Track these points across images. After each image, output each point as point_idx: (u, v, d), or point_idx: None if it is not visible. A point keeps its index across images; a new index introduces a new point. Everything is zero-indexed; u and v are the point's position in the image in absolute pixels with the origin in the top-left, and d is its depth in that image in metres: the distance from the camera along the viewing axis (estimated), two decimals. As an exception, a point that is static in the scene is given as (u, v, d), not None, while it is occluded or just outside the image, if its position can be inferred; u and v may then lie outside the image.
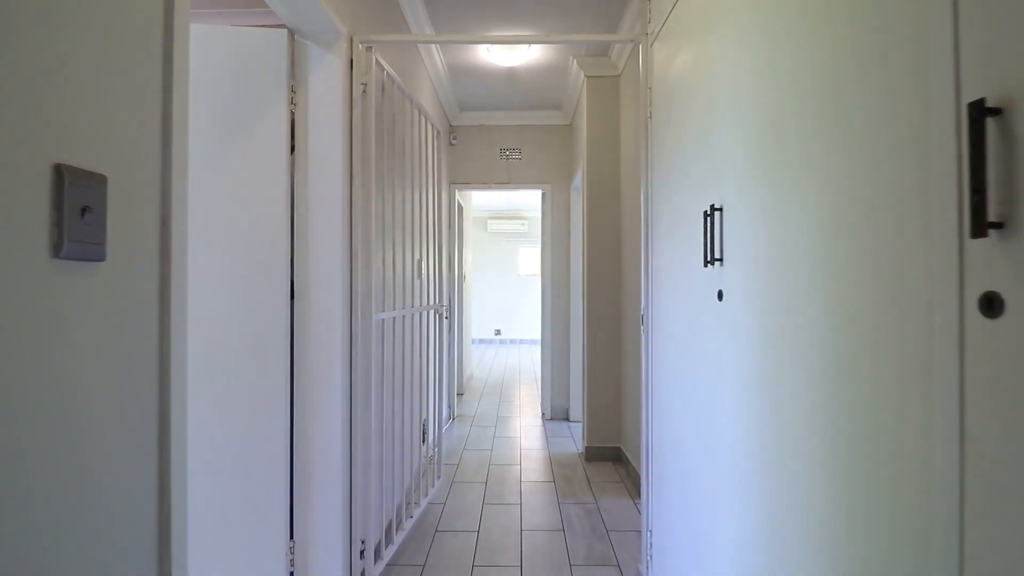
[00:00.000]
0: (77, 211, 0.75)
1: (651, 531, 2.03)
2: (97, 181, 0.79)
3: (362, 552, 2.08)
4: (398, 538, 2.41)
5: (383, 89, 2.28)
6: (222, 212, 1.83)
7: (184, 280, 0.99)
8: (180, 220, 0.97)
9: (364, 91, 2.09)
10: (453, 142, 4.89)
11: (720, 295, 1.29)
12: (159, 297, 0.94)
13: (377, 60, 2.15)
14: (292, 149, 1.93)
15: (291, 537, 1.93)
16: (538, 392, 6.04)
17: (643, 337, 2.08)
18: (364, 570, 2.10)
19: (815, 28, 0.92)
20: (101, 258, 0.80)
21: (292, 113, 1.91)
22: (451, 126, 4.88)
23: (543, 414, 4.97)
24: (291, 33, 1.89)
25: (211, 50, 1.82)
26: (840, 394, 0.84)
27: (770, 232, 1.07)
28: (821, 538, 0.90)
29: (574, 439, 4.26)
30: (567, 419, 4.82)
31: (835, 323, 0.85)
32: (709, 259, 1.33)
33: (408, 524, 2.56)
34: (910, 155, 0.69)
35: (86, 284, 0.78)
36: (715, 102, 1.37)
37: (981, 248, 0.56)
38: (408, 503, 2.71)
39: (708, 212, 1.33)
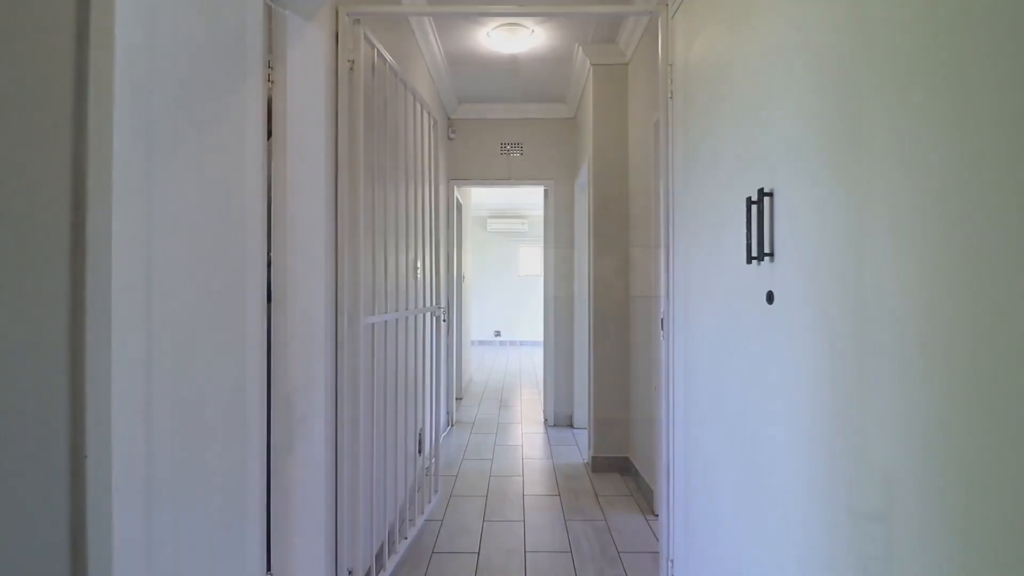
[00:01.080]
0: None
1: (672, 561, 1.82)
2: (-38, 145, 0.58)
3: (350, 583, 1.87)
4: (391, 563, 2.19)
5: (373, 69, 2.07)
6: (185, 204, 1.61)
7: (106, 281, 0.77)
8: (100, 205, 0.76)
9: (351, 69, 1.88)
10: (452, 136, 4.67)
11: (770, 297, 1.08)
12: (70, 302, 0.73)
13: (366, 36, 1.94)
14: (269, 134, 1.72)
15: (268, 570, 1.72)
16: (540, 396, 5.82)
17: (663, 344, 1.87)
18: (352, 603, 1.88)
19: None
20: (-27, 251, 0.60)
21: (269, 92, 1.70)
22: (449, 120, 4.67)
23: (545, 420, 4.75)
24: (266, 1, 1.68)
25: (173, 18, 1.61)
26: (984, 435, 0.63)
27: (841, 221, 0.86)
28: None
29: (579, 448, 4.05)
30: (571, 425, 4.61)
31: (962, 344, 0.64)
32: (755, 254, 1.12)
33: (402, 546, 2.35)
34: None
35: (-56, 285, 0.57)
36: (761, 72, 1.16)
37: None
38: (403, 521, 2.49)
39: (754, 199, 1.12)
